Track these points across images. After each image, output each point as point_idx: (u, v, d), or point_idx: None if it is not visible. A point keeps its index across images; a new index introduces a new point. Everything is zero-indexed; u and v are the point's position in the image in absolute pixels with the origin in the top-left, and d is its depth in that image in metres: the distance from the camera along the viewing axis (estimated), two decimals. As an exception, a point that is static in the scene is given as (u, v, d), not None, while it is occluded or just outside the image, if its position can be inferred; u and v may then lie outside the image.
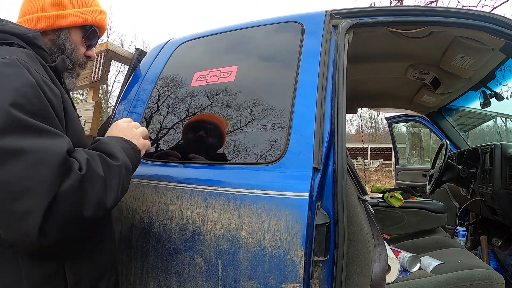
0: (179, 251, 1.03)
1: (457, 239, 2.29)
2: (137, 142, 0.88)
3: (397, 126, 4.38)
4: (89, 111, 1.45)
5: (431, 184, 2.34)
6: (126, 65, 1.60)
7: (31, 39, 0.81)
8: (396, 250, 1.66)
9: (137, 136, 0.90)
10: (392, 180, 12.62)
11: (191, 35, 1.47)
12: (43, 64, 0.78)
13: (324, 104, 1.05)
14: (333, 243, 0.97)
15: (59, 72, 0.84)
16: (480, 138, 5.33)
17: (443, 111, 2.78)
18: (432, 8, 1.34)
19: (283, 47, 1.25)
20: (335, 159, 1.00)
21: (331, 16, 1.20)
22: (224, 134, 1.18)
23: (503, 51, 1.39)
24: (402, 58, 1.98)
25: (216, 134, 1.22)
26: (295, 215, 0.89)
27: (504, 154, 1.88)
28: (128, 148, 0.83)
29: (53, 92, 0.73)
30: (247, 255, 0.93)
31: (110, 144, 0.78)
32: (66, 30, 0.90)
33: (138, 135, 0.91)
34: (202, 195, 1.03)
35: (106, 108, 15.70)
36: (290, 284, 0.87)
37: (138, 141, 0.89)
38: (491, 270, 1.47)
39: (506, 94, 2.18)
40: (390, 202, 2.19)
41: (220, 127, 1.20)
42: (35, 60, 0.76)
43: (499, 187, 1.85)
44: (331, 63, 1.11)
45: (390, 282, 1.42)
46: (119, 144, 0.81)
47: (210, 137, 1.24)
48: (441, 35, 1.55)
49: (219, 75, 1.24)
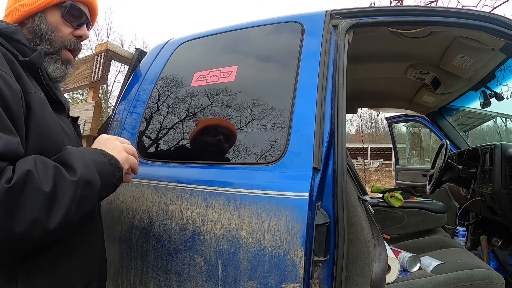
0: (179, 251, 1.03)
1: (457, 239, 2.29)
2: (118, 156, 0.77)
3: (397, 126, 4.38)
4: (89, 111, 1.45)
5: (431, 184, 2.34)
6: (126, 65, 1.60)
7: (9, 33, 0.76)
8: (396, 250, 1.66)
9: (119, 148, 0.79)
10: (392, 180, 12.61)
11: (191, 35, 1.47)
12: (9, 59, 0.71)
13: (324, 104, 1.05)
14: (333, 243, 0.97)
15: (36, 66, 0.77)
16: (480, 138, 5.33)
17: (443, 111, 2.79)
18: (432, 8, 1.34)
19: (283, 47, 1.25)
20: (335, 159, 1.00)
21: (331, 16, 1.20)
22: (225, 134, 1.18)
23: (503, 51, 1.39)
24: (402, 58, 1.98)
25: (217, 134, 1.22)
26: (295, 215, 0.89)
27: (504, 154, 1.88)
28: (103, 163, 0.72)
29: (7, 86, 0.64)
30: (247, 255, 0.93)
31: (75, 156, 0.68)
32: (41, 13, 0.83)
33: (119, 148, 0.80)
34: (202, 195, 1.03)
35: (106, 108, 15.71)
36: (290, 284, 0.87)
37: (119, 155, 0.78)
38: (491, 270, 1.47)
39: (506, 94, 2.18)
40: (390, 202, 2.19)
41: (222, 127, 1.20)
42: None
43: (499, 187, 1.85)
44: (331, 63, 1.11)
45: (390, 282, 1.42)
46: (91, 156, 0.71)
47: (211, 137, 1.24)
48: (441, 35, 1.55)
49: (219, 75, 1.24)
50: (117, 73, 21.32)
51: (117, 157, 0.76)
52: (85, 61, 1.58)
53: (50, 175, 0.61)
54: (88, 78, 1.53)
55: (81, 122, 1.44)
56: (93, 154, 0.73)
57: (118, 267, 1.14)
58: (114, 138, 0.83)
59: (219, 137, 1.21)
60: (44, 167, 0.62)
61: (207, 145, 1.22)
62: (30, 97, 0.70)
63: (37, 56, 0.77)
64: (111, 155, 0.75)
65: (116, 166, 0.75)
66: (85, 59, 1.58)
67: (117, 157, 0.76)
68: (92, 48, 20.73)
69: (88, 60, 1.56)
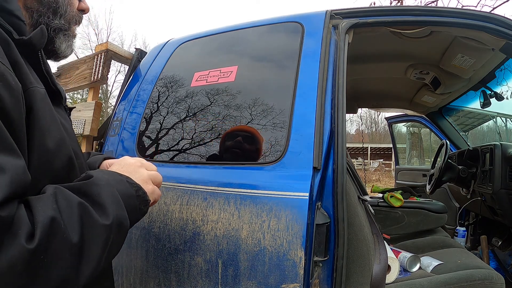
0: (179, 251, 1.03)
1: (457, 239, 2.29)
2: (146, 188, 0.64)
3: (397, 126, 4.38)
4: (89, 111, 1.45)
5: (431, 184, 2.34)
6: (126, 65, 1.60)
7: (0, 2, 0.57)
8: (396, 250, 1.66)
9: (146, 179, 0.67)
10: (392, 180, 12.62)
11: (191, 35, 1.47)
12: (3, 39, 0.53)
13: (324, 104, 1.05)
14: (333, 243, 0.97)
15: (36, 48, 0.60)
16: (480, 138, 5.33)
17: (443, 111, 2.79)
18: (432, 8, 1.34)
19: (283, 47, 1.25)
20: (335, 159, 1.00)
21: (331, 16, 1.20)
22: (225, 134, 1.18)
23: (503, 51, 1.39)
24: (402, 58, 1.98)
25: (217, 135, 1.22)
26: (295, 215, 0.89)
27: (504, 154, 1.88)
28: (131, 196, 0.59)
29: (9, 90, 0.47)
30: (247, 255, 0.93)
31: (104, 188, 0.54)
32: None
33: (146, 178, 0.67)
34: (202, 195, 1.03)
35: (106, 108, 15.71)
36: (290, 284, 0.87)
37: (146, 186, 0.65)
38: (491, 270, 1.47)
39: (506, 94, 2.18)
40: (390, 202, 2.19)
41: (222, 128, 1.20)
42: None
43: (499, 187, 1.85)
44: (331, 63, 1.11)
45: (390, 282, 1.42)
46: (119, 187, 0.57)
47: (211, 137, 1.24)
48: (441, 35, 1.55)
49: (219, 75, 1.24)
50: (117, 73, 21.36)
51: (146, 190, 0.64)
52: (85, 61, 1.58)
53: (76, 218, 0.48)
54: (88, 78, 1.53)
55: (81, 122, 1.44)
56: (119, 183, 0.59)
57: (118, 267, 1.14)
58: (140, 164, 0.70)
59: (219, 137, 1.21)
60: (68, 205, 0.48)
61: (207, 145, 1.22)
62: (31, 94, 0.54)
63: (38, 35, 0.60)
64: (138, 185, 0.62)
65: (144, 199, 0.62)
66: (85, 59, 1.58)
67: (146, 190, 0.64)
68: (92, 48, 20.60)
69: (88, 60, 1.56)
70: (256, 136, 1.12)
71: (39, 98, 0.55)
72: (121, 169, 0.66)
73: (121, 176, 0.61)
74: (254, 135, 1.12)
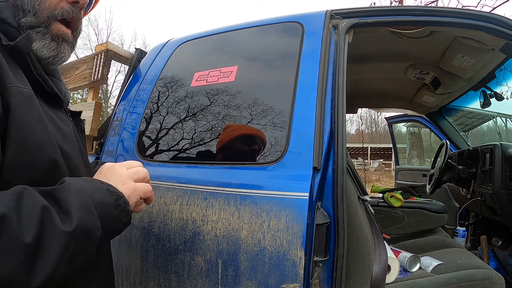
0: (179, 251, 1.03)
1: (457, 239, 2.29)
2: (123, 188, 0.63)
3: (397, 126, 4.38)
4: (89, 111, 1.45)
5: (431, 184, 2.34)
6: (126, 65, 1.60)
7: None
8: (396, 250, 1.66)
9: (124, 178, 0.65)
10: (392, 180, 12.61)
11: (191, 35, 1.47)
12: None
13: (324, 104, 1.05)
14: (333, 243, 0.97)
15: (22, 53, 0.61)
16: (480, 138, 5.33)
17: (443, 111, 2.79)
18: (432, 8, 1.34)
19: (283, 47, 1.25)
20: (335, 159, 1.00)
21: (331, 16, 1.20)
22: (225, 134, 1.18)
23: (503, 51, 1.39)
24: (402, 58, 1.98)
25: (217, 135, 1.22)
26: (295, 215, 0.89)
27: (504, 154, 1.88)
28: (109, 205, 0.57)
29: None
30: (247, 255, 0.93)
31: (73, 194, 0.53)
32: None
33: (125, 177, 0.65)
34: (202, 195, 1.03)
35: (106, 108, 15.72)
36: (290, 284, 0.87)
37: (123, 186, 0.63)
38: (491, 270, 1.47)
39: (506, 94, 2.18)
40: (390, 202, 2.19)
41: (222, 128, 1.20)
42: None
43: (499, 187, 1.85)
44: (331, 63, 1.11)
45: (390, 282, 1.42)
46: (94, 196, 0.56)
47: (211, 137, 1.24)
48: (441, 35, 1.55)
49: (219, 75, 1.24)
50: (117, 73, 21.37)
51: (124, 191, 0.62)
52: (85, 61, 1.58)
53: (35, 220, 0.47)
54: (88, 78, 1.53)
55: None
56: (97, 191, 0.57)
57: (118, 267, 1.14)
58: (120, 165, 0.68)
59: (219, 137, 1.21)
60: (31, 206, 0.48)
61: (207, 145, 1.22)
62: (9, 93, 0.54)
63: (24, 41, 0.61)
64: (119, 194, 0.60)
65: (124, 208, 0.60)
66: (85, 59, 1.58)
67: (124, 191, 0.62)
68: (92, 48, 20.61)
69: (88, 60, 1.56)
70: (256, 136, 1.12)
71: (21, 97, 0.55)
72: (103, 176, 0.65)
73: (101, 184, 0.60)
74: (254, 135, 1.12)
